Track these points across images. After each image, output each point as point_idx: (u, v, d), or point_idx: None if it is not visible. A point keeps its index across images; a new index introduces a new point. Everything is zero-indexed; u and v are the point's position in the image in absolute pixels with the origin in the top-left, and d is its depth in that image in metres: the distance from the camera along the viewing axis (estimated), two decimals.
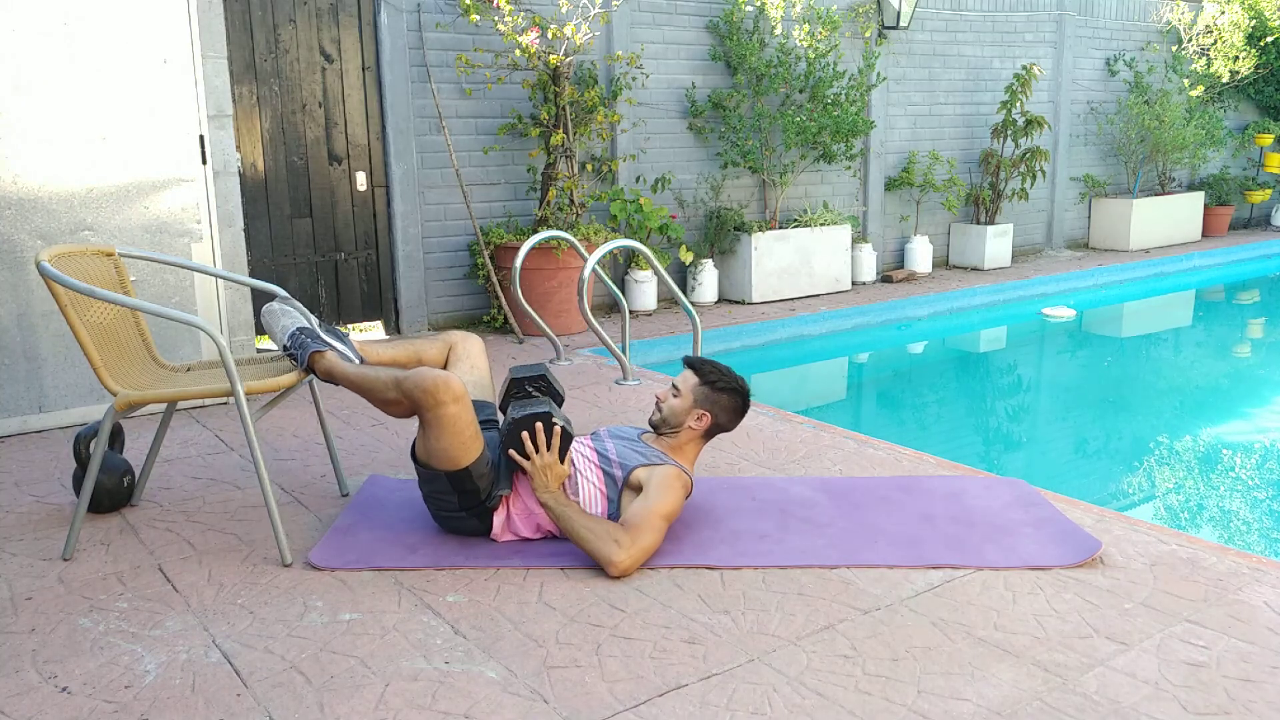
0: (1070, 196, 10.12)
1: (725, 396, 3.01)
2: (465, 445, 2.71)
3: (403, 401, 2.73)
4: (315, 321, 3.00)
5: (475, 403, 3.01)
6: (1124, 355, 7.03)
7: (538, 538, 2.89)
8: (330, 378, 2.88)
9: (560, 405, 2.95)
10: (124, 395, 2.78)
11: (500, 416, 3.03)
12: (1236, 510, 4.15)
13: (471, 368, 3.16)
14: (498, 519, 2.86)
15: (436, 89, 6.22)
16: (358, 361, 2.96)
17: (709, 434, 3.04)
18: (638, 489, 2.83)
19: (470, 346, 3.21)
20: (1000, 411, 5.69)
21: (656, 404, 3.05)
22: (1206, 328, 7.91)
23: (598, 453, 2.92)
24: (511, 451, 2.77)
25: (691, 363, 3.06)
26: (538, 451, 2.74)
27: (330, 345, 2.93)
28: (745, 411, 3.07)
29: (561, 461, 2.78)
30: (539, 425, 2.74)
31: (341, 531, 2.97)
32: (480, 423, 2.91)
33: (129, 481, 3.26)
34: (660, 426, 3.03)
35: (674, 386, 3.04)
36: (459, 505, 2.82)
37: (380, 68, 6.09)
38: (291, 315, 2.98)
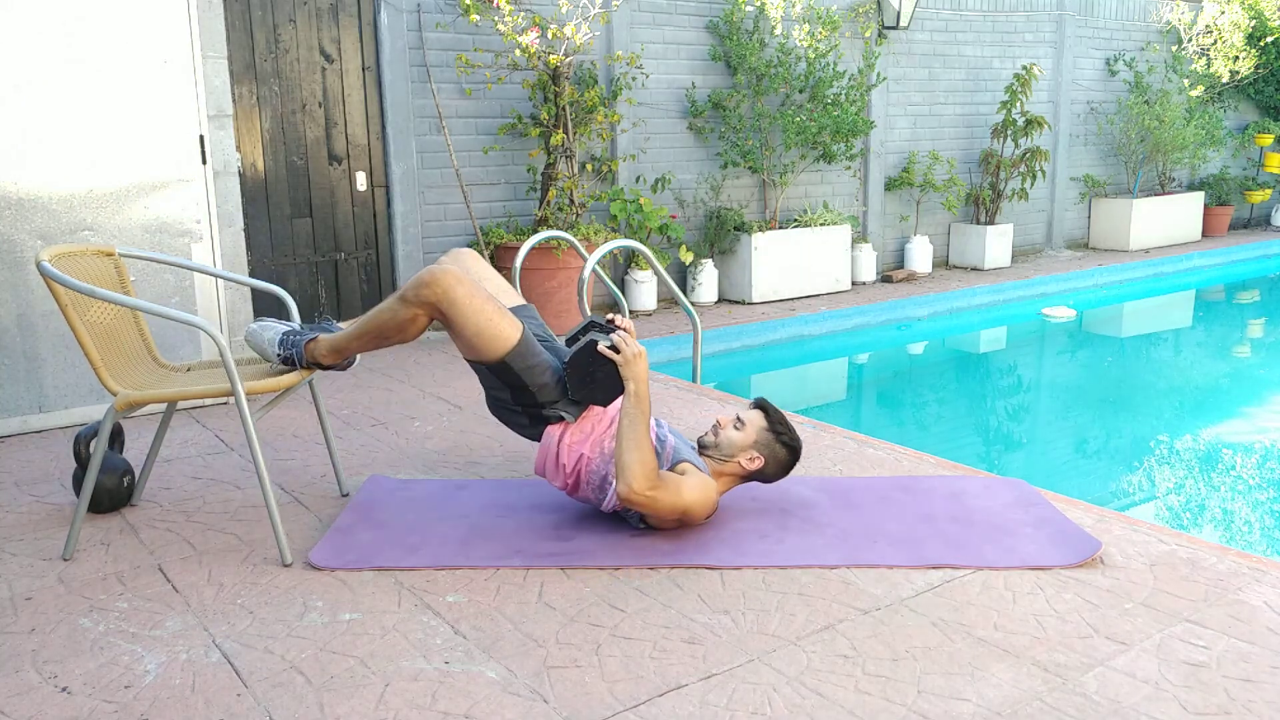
0: (1070, 196, 10.12)
1: (784, 451, 3.01)
2: (494, 324, 2.74)
3: (415, 311, 2.74)
4: (297, 324, 3.02)
5: (518, 308, 3.06)
6: (1124, 355, 7.03)
7: (562, 484, 2.90)
8: (336, 354, 2.89)
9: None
10: (124, 395, 2.78)
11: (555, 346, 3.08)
12: (1236, 510, 4.15)
13: (480, 279, 3.15)
14: (550, 433, 2.88)
15: (436, 89, 6.22)
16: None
17: (750, 478, 3.04)
18: (679, 475, 2.85)
19: (466, 263, 3.19)
20: (1000, 411, 5.69)
21: (715, 427, 3.04)
22: (1206, 328, 7.91)
23: (656, 433, 2.94)
24: (603, 345, 2.75)
25: (764, 406, 3.06)
26: (628, 345, 2.76)
27: (318, 330, 2.95)
28: (789, 472, 3.08)
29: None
30: (625, 332, 2.82)
31: (341, 531, 2.97)
32: (574, 335, 2.94)
33: (129, 481, 3.25)
34: (710, 449, 3.02)
35: (738, 419, 3.03)
36: (513, 400, 2.86)
37: (380, 68, 6.09)
38: (270, 326, 2.99)
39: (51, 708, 2.10)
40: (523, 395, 2.83)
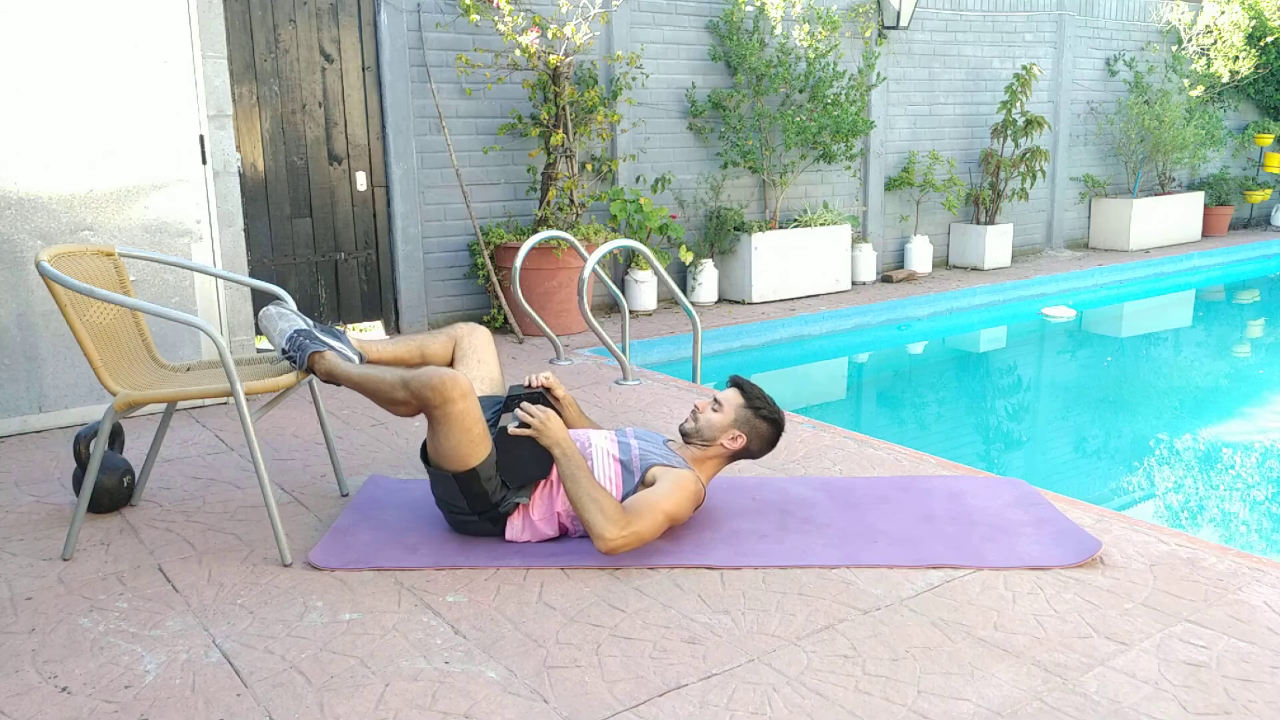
0: (1070, 196, 10.12)
1: (765, 425, 3.01)
2: (474, 444, 2.71)
3: (410, 401, 2.73)
4: (313, 324, 3.00)
5: (484, 398, 3.00)
6: (1124, 355, 7.03)
7: (555, 535, 2.88)
8: (331, 378, 2.87)
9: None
10: (124, 395, 2.78)
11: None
12: (1236, 510, 4.15)
13: (479, 362, 3.14)
14: (513, 525, 2.85)
15: (436, 89, 6.22)
16: (358, 360, 2.95)
17: (735, 456, 3.03)
18: (651, 485, 2.83)
19: (477, 340, 3.18)
20: (1000, 411, 5.69)
21: (693, 413, 3.03)
22: (1206, 328, 7.91)
23: (619, 446, 2.93)
24: (512, 429, 2.75)
25: (739, 383, 3.05)
26: (533, 416, 2.75)
27: (329, 345, 2.92)
28: (775, 444, 3.07)
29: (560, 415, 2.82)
30: (523, 404, 2.81)
31: (341, 531, 2.97)
32: (488, 416, 2.90)
33: (129, 481, 3.25)
34: (691, 436, 3.01)
35: (715, 400, 3.02)
36: (469, 509, 2.82)
37: (380, 68, 6.09)
38: (289, 318, 2.98)
39: (51, 708, 2.10)
40: (478, 502, 2.80)
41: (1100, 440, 5.06)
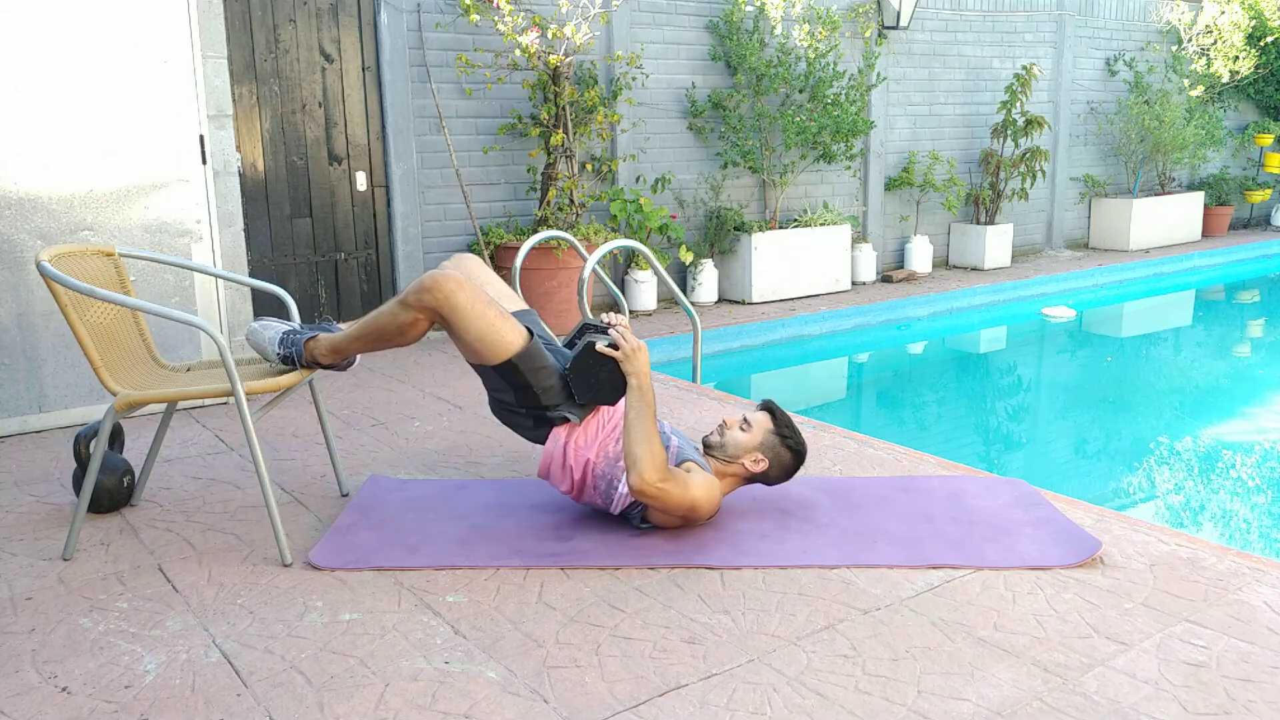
0: (1070, 196, 10.12)
1: (789, 455, 3.01)
2: (496, 329, 2.73)
3: (415, 313, 2.73)
4: (297, 323, 3.02)
5: (520, 313, 3.04)
6: (1124, 355, 7.03)
7: (568, 487, 2.89)
8: (335, 354, 2.88)
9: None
10: (124, 395, 2.78)
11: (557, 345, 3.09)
12: (1236, 510, 4.15)
13: (483, 285, 3.14)
14: (555, 437, 2.87)
15: (436, 89, 6.22)
16: None
17: (753, 479, 3.04)
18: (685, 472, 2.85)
19: (469, 267, 3.18)
20: (1000, 411, 5.69)
21: (720, 427, 3.03)
22: (1206, 328, 7.91)
23: (660, 433, 2.94)
24: (601, 345, 2.76)
25: (771, 408, 3.06)
26: (626, 341, 2.78)
27: (316, 331, 2.94)
28: (793, 476, 3.08)
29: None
30: (623, 328, 2.85)
31: (341, 531, 2.97)
32: (570, 339, 2.94)
33: (129, 481, 3.25)
34: (714, 449, 3.01)
35: (745, 420, 3.02)
36: (517, 401, 2.85)
37: (380, 68, 6.09)
38: (270, 325, 2.98)
39: (51, 708, 2.10)
40: (527, 396, 2.82)
41: (1100, 440, 5.06)
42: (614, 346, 2.78)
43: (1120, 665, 2.20)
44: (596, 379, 2.81)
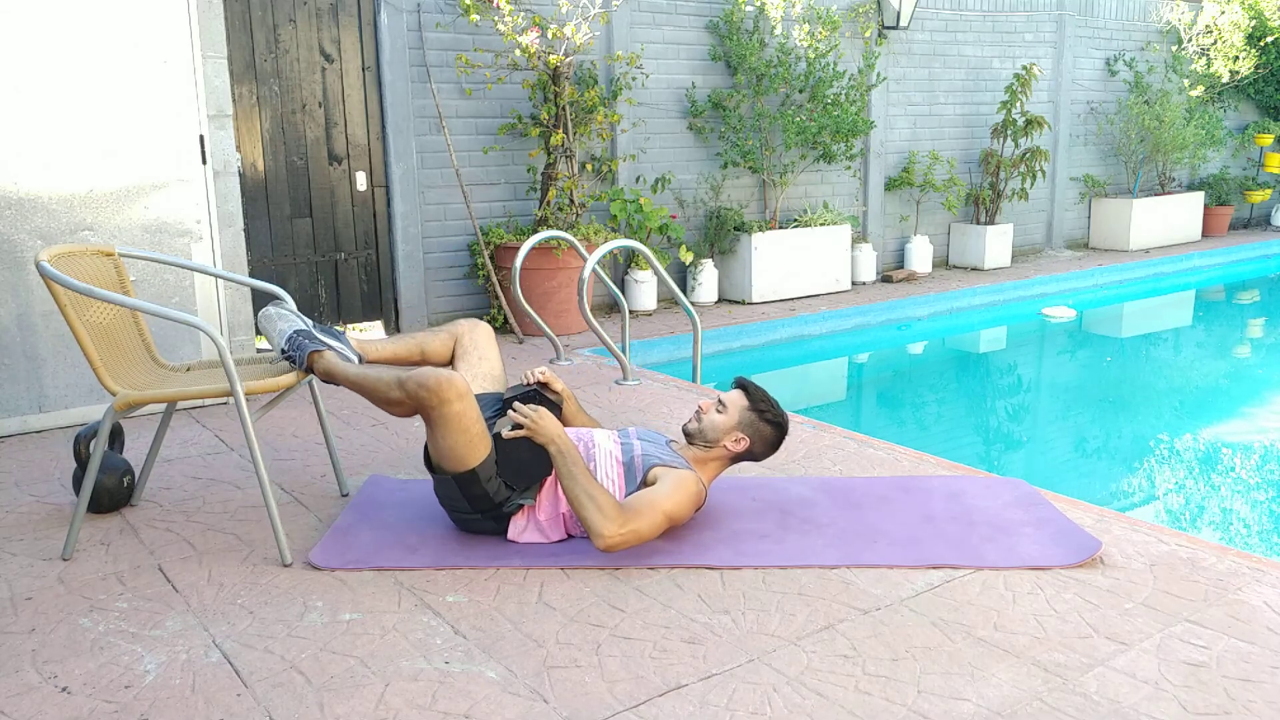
0: (1070, 196, 10.12)
1: (769, 429, 3.00)
2: (472, 444, 2.71)
3: (406, 402, 2.72)
4: (312, 324, 3.00)
5: (484, 395, 3.00)
6: (1124, 355, 7.03)
7: (559, 537, 2.88)
8: (330, 378, 2.87)
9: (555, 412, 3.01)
10: (124, 395, 2.78)
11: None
12: (1236, 510, 4.15)
13: (480, 359, 3.13)
14: (516, 524, 2.85)
15: (436, 89, 6.22)
16: (356, 361, 2.95)
17: (738, 458, 3.03)
18: (652, 485, 2.83)
19: (478, 336, 3.17)
20: (1000, 411, 5.69)
21: (697, 413, 3.03)
22: (1206, 328, 7.91)
23: (622, 447, 2.93)
24: (506, 432, 2.75)
25: (744, 385, 3.04)
26: (525, 416, 2.75)
27: (328, 345, 2.92)
28: (778, 448, 3.07)
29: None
30: (515, 404, 2.82)
31: (341, 531, 2.97)
32: (487, 417, 2.90)
33: (129, 481, 3.25)
34: (694, 436, 3.01)
35: (720, 402, 3.01)
36: (472, 509, 2.82)
37: (380, 68, 6.09)
38: (288, 319, 2.98)
39: (51, 708, 2.10)
40: (482, 503, 2.80)
41: (1100, 440, 5.06)
42: (519, 426, 2.76)
43: (1120, 665, 2.20)
44: (521, 461, 2.80)
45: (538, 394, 2.97)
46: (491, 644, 2.33)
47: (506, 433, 2.76)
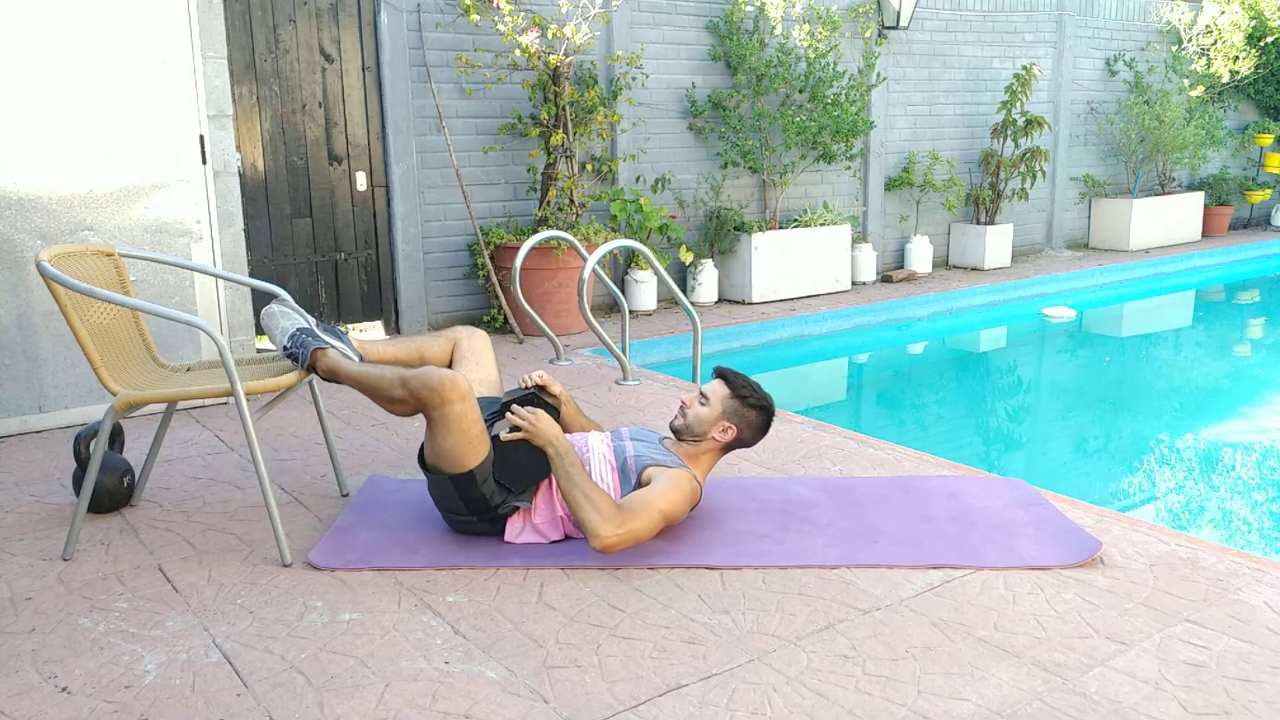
0: (1070, 196, 10.12)
1: (754, 413, 3.00)
2: (471, 445, 2.71)
3: (408, 400, 2.72)
4: (314, 322, 3.00)
5: (482, 399, 3.01)
6: (1124, 355, 7.03)
7: (558, 537, 2.88)
8: (332, 376, 2.87)
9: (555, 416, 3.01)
10: (124, 395, 2.78)
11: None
12: (1236, 510, 4.15)
13: (478, 364, 3.14)
14: (512, 526, 2.86)
15: (436, 89, 6.22)
16: (358, 360, 2.95)
17: (729, 447, 3.03)
18: (646, 485, 2.83)
19: (476, 343, 3.18)
20: (1000, 411, 5.69)
21: (681, 409, 3.03)
22: (1206, 328, 7.91)
23: (615, 450, 2.93)
24: (504, 435, 2.76)
25: (724, 374, 3.04)
26: (523, 419, 2.76)
27: (330, 343, 2.92)
28: (768, 430, 3.07)
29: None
30: (513, 407, 2.83)
31: (341, 531, 2.97)
32: (485, 419, 2.90)
33: (129, 481, 3.26)
34: (682, 433, 3.01)
35: (702, 394, 3.01)
36: (468, 510, 2.82)
37: (380, 68, 6.09)
38: (290, 316, 2.98)
39: (51, 708, 2.10)
40: (478, 505, 2.80)
41: (1100, 440, 5.06)
42: (516, 428, 2.76)
43: (1120, 665, 2.20)
44: (518, 464, 2.80)
45: (536, 397, 2.97)
46: (491, 644, 2.33)
47: (505, 435, 2.77)
